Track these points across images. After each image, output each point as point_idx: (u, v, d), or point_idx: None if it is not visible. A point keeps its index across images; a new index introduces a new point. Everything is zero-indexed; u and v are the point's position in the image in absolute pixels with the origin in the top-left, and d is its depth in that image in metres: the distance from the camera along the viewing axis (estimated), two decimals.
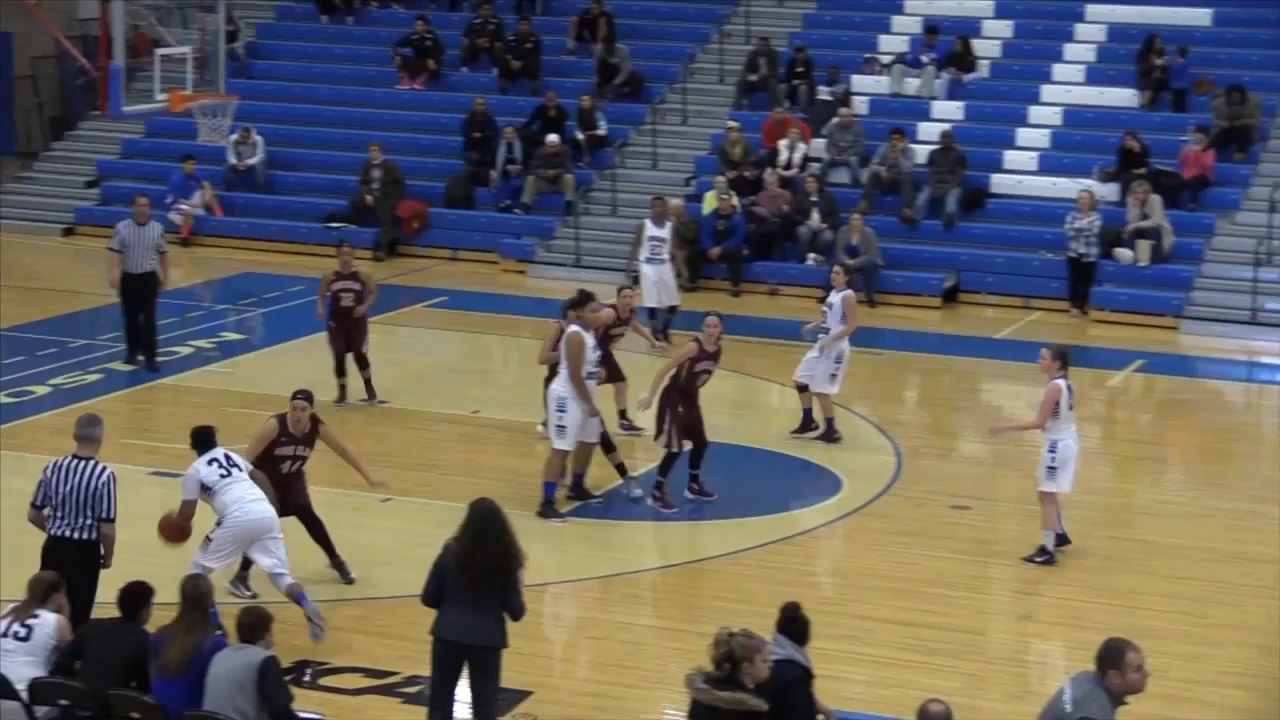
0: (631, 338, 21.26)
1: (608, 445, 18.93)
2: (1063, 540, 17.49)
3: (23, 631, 11.99)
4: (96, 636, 11.88)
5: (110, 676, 11.61)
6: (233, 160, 32.92)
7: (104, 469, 13.73)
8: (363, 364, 21.97)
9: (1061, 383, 17.13)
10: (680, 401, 18.52)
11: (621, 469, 19.08)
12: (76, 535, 13.64)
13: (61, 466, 13.74)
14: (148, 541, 15.08)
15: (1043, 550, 17.32)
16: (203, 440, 15.27)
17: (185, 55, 27.19)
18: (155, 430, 20.72)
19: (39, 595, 12.16)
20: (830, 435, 20.96)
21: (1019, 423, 18.35)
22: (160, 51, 27.47)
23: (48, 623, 12.04)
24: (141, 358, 23.33)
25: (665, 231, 25.36)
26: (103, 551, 13.73)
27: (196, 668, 11.43)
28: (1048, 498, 17.29)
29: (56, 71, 36.81)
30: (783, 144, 31.02)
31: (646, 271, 25.33)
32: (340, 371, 21.84)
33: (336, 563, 16.42)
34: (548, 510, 18.21)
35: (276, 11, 37.80)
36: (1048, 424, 17.11)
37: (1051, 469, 17.17)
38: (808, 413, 21.10)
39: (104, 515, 13.67)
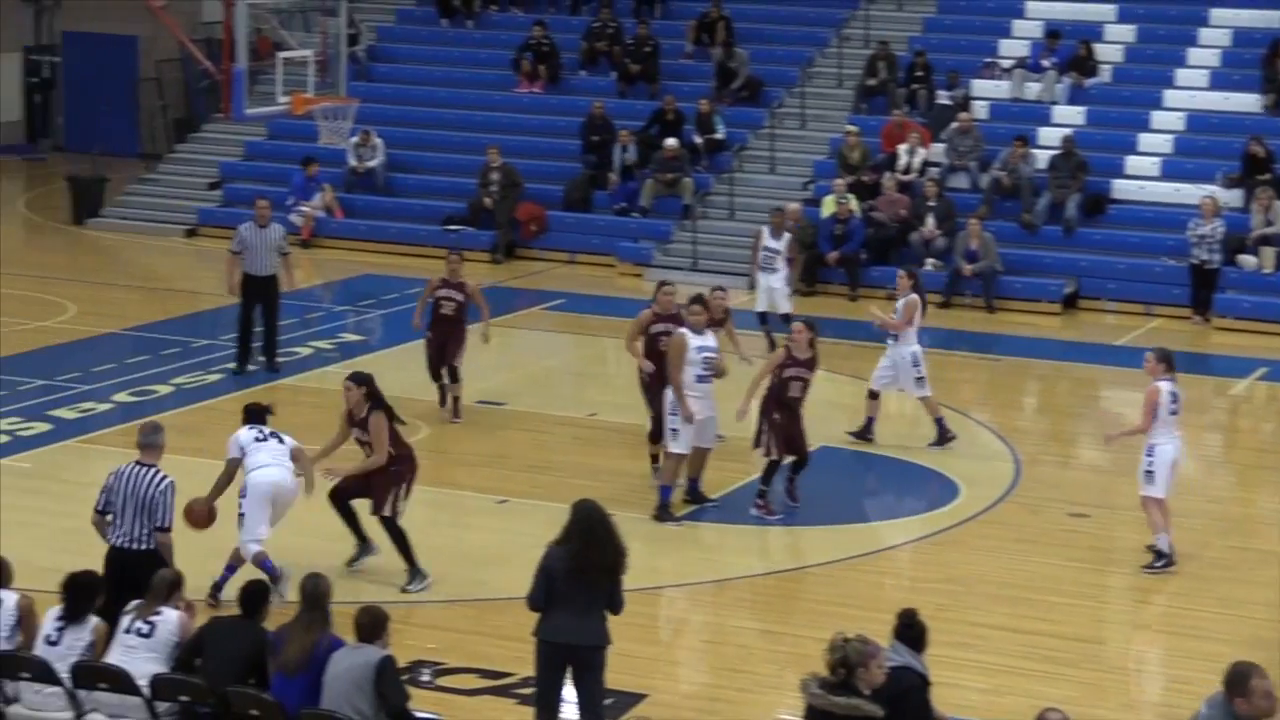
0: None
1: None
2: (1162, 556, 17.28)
3: (146, 628, 12.13)
4: (217, 634, 12.01)
5: (230, 674, 11.74)
6: (353, 163, 33.17)
7: (164, 478, 13.74)
8: (453, 377, 21.50)
9: (1163, 385, 16.96)
10: (776, 409, 18.42)
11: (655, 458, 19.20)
12: (134, 545, 13.65)
13: (124, 474, 13.78)
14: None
15: (1159, 554, 17.16)
16: (254, 415, 15.97)
17: (307, 58, 27.44)
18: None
19: (162, 593, 12.30)
20: (944, 437, 20.85)
21: (1128, 428, 18.19)
22: (282, 54, 27.73)
23: (170, 620, 12.18)
24: (253, 366, 23.43)
25: (780, 244, 25.26)
26: (165, 560, 13.64)
27: (315, 666, 11.53)
28: (1150, 502, 17.12)
29: (181, 74, 37.26)
30: (902, 149, 30.91)
31: (758, 279, 25.33)
32: (436, 376, 21.60)
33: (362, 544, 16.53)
34: (663, 514, 18.22)
35: (397, 15, 38.06)
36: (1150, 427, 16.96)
37: (1149, 473, 17.01)
38: (870, 420, 21.00)
39: (160, 524, 13.68)
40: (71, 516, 15.86)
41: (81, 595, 12.23)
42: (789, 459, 18.48)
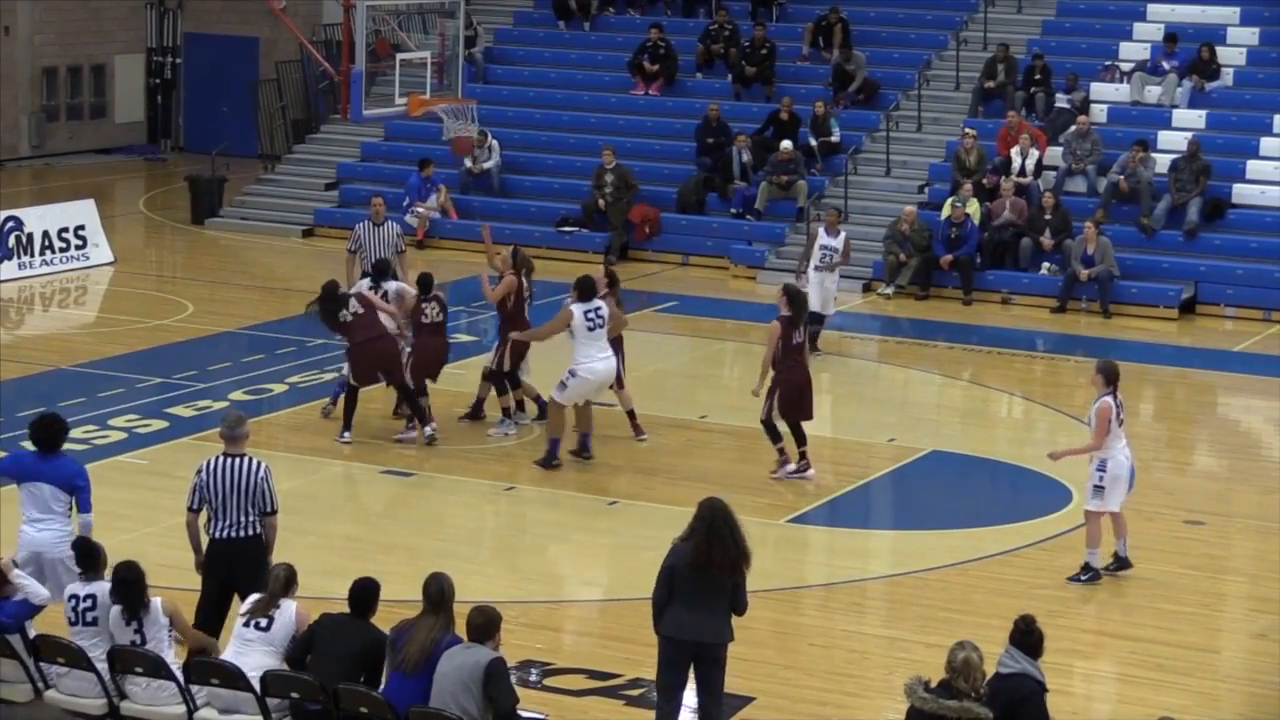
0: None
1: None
2: (1124, 564, 16.99)
3: (264, 623, 12.22)
4: (328, 631, 12.07)
5: (340, 671, 11.79)
6: (468, 164, 33.30)
7: (259, 464, 13.71)
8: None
9: (1109, 400, 16.74)
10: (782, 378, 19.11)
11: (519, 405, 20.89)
12: (240, 534, 13.62)
13: (215, 468, 13.70)
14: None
15: (1087, 568, 16.90)
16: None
17: (425, 60, 27.59)
18: (386, 429, 20.96)
19: (280, 587, 12.37)
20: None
21: (1078, 446, 17.78)
22: (401, 56, 27.91)
23: (288, 612, 12.27)
24: None
25: (838, 241, 24.94)
26: (269, 542, 13.72)
27: (433, 666, 11.56)
28: (1093, 516, 16.84)
29: (300, 75, 37.52)
30: (1014, 150, 30.66)
31: (813, 278, 24.95)
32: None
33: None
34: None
35: (514, 18, 38.16)
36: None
37: (1099, 488, 16.74)
38: None
39: (266, 509, 13.66)
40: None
41: (134, 590, 12.34)
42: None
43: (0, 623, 12.40)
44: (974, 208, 29.68)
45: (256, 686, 11.90)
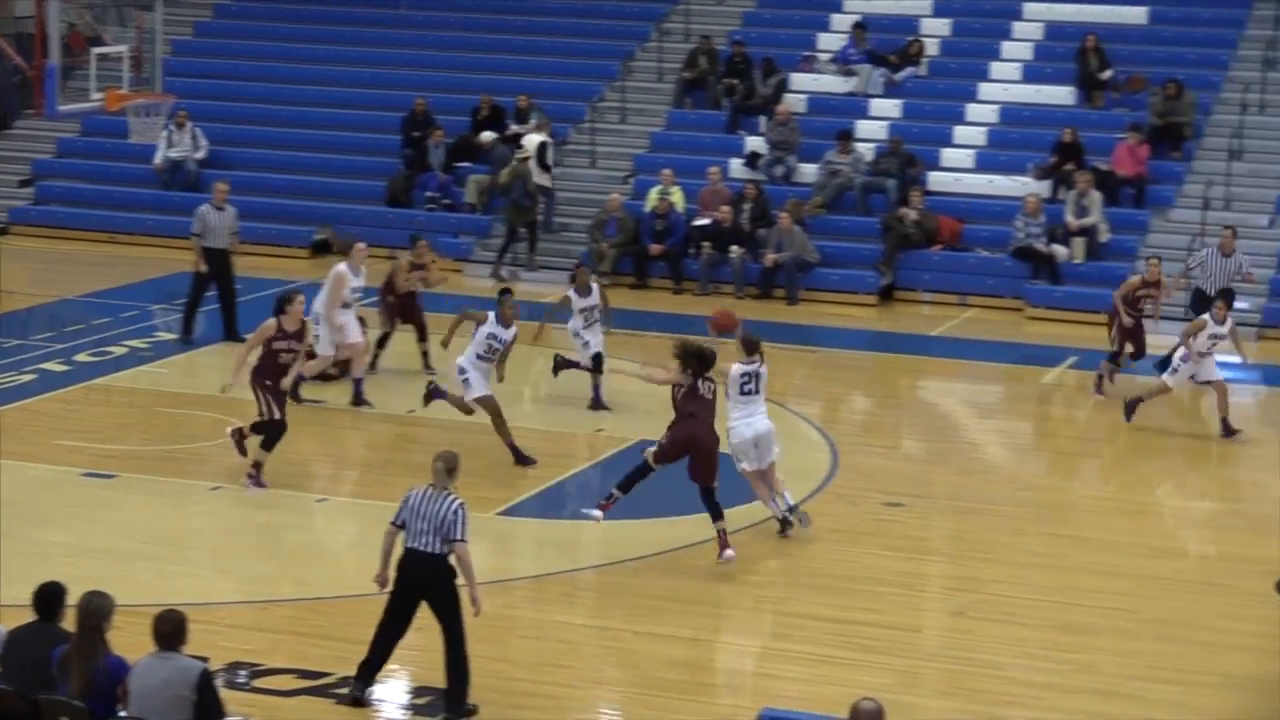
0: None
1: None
2: (785, 525, 17.80)
3: None
4: (17, 642, 11.64)
5: (37, 678, 11.40)
6: (160, 154, 32.70)
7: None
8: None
9: (740, 366, 17.37)
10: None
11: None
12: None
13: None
14: None
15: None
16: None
17: (121, 54, 27.10)
18: (86, 431, 20.59)
19: None
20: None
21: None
22: (96, 50, 27.37)
23: None
24: (191, 335, 24.68)
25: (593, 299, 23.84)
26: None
27: (102, 688, 11.08)
28: (749, 476, 17.61)
29: None
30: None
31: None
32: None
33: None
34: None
35: (214, 10, 37.64)
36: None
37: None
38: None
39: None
40: None
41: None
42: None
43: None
44: (678, 198, 29.99)
45: None
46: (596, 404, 21.93)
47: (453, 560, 13.44)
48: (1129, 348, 23.52)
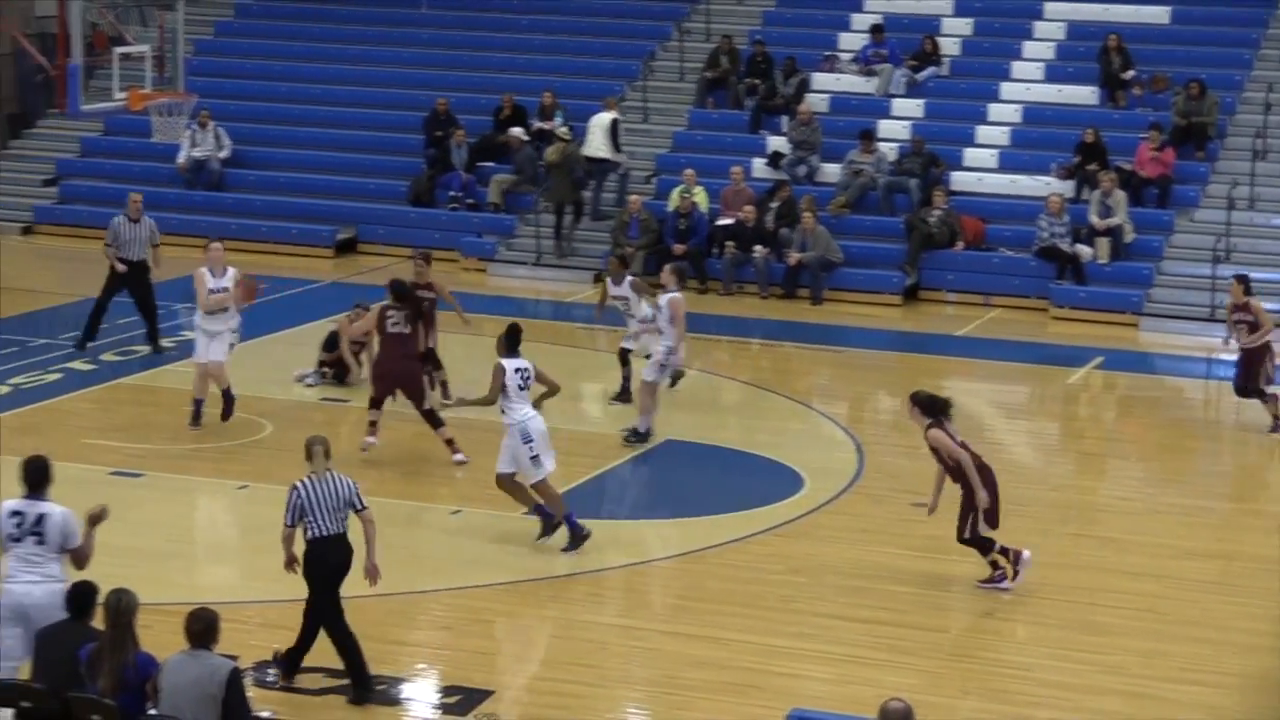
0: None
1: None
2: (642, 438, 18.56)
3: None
4: (48, 640, 11.69)
5: (67, 675, 11.43)
6: (183, 154, 32.72)
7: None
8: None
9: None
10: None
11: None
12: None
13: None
14: None
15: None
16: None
17: (144, 54, 27.12)
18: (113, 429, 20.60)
19: None
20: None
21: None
22: (119, 50, 27.39)
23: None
24: (87, 342, 24.01)
25: (623, 289, 23.25)
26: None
27: (131, 685, 11.16)
28: (645, 387, 18.64)
29: (14, 69, 36.64)
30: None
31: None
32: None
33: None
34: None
35: (235, 10, 37.70)
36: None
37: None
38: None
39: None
40: None
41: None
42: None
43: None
44: (701, 198, 29.99)
45: None
46: (623, 396, 22.03)
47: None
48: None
